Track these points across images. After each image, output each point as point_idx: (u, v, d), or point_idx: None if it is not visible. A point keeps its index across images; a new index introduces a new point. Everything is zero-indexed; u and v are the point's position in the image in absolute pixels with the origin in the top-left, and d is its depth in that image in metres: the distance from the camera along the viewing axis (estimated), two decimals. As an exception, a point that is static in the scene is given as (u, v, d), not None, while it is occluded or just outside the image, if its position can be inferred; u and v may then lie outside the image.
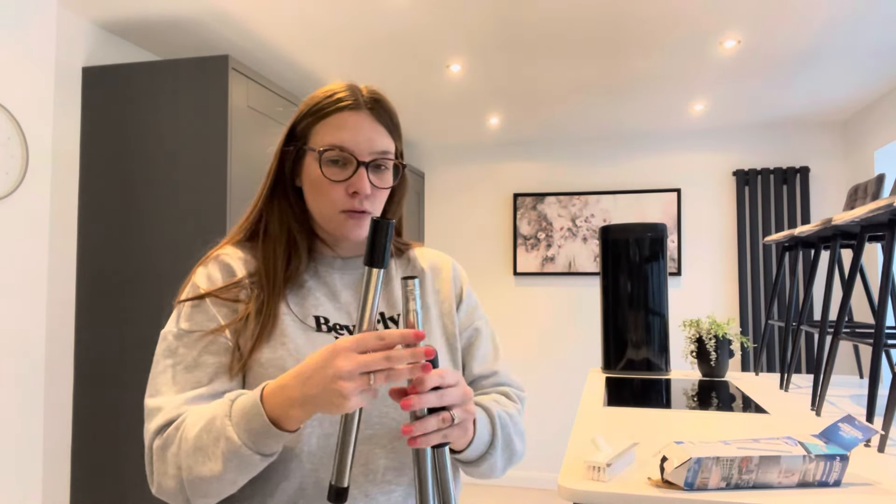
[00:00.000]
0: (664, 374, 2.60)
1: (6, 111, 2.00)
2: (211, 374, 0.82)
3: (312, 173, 0.88)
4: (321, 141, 0.87)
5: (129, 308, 2.32)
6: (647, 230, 2.68)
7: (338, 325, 0.89)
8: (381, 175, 0.89)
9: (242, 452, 0.72)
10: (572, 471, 1.29)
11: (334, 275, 0.94)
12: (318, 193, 0.88)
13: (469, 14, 2.41)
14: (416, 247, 1.07)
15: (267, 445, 0.72)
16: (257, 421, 0.71)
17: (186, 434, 0.75)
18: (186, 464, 0.74)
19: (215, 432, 0.73)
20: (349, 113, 0.87)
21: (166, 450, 0.77)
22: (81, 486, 2.35)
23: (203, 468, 0.73)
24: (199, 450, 0.73)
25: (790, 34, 2.58)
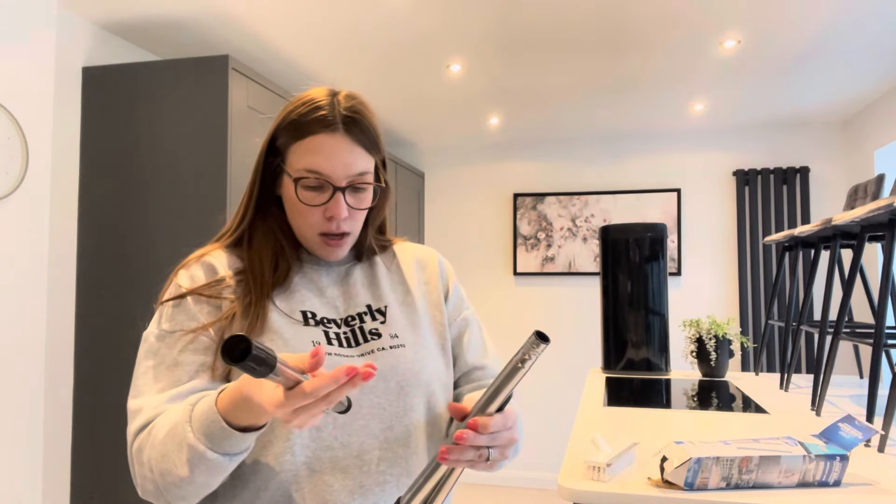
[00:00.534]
0: (664, 374, 2.60)
1: (6, 111, 2.00)
2: (191, 373, 0.81)
3: (289, 195, 0.88)
4: (297, 165, 0.86)
5: (129, 308, 2.32)
6: (647, 230, 2.68)
7: (325, 318, 0.89)
8: (358, 196, 0.89)
9: (208, 456, 0.71)
10: (572, 471, 1.29)
11: (320, 272, 0.94)
12: (295, 215, 0.89)
13: (469, 14, 2.41)
14: (397, 241, 1.06)
15: (231, 447, 0.71)
16: (216, 426, 0.70)
17: (154, 439, 0.75)
18: (158, 469, 0.74)
19: (177, 438, 0.72)
20: (325, 136, 0.84)
21: (142, 453, 0.76)
22: (81, 486, 2.36)
23: (172, 474, 0.73)
24: (165, 456, 0.73)
25: (790, 34, 2.58)
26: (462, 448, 0.72)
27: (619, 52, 2.79)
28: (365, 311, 0.92)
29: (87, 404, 2.36)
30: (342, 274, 0.96)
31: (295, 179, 0.86)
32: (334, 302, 0.92)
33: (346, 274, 0.96)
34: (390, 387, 0.86)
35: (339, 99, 0.87)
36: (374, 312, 0.93)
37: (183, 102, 2.32)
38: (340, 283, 0.95)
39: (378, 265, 0.99)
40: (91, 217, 2.39)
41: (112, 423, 2.33)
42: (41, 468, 2.12)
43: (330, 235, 0.89)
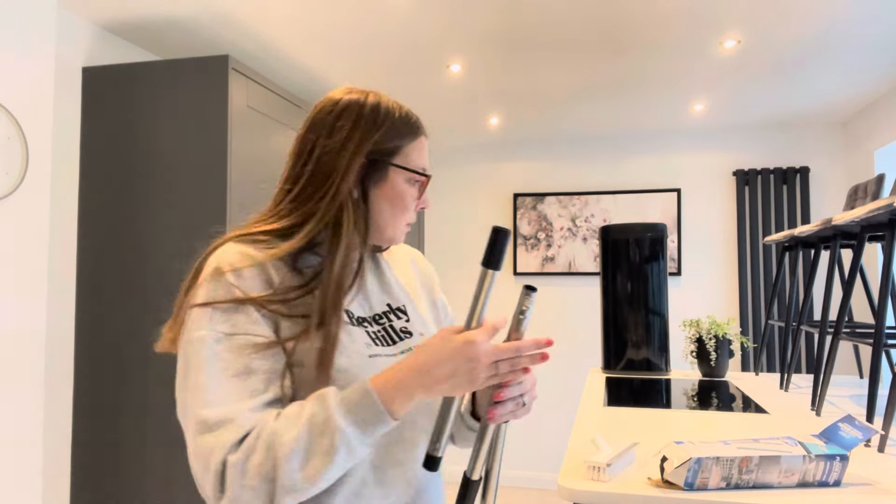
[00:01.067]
0: (664, 374, 2.60)
1: (6, 111, 2.00)
2: (265, 381, 0.79)
3: (396, 188, 0.92)
4: (414, 163, 0.93)
5: (129, 308, 2.32)
6: (647, 230, 2.68)
7: (360, 317, 0.91)
8: None
9: (353, 444, 0.74)
10: (572, 471, 1.29)
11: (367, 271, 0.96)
12: (399, 209, 0.93)
13: (469, 14, 2.41)
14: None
15: (375, 434, 0.76)
16: (370, 412, 0.75)
17: (280, 439, 0.73)
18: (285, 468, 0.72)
19: (319, 428, 0.73)
20: (423, 139, 0.96)
21: (248, 461, 0.73)
22: (81, 486, 2.36)
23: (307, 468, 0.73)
24: (302, 451, 0.73)
25: (790, 34, 2.58)
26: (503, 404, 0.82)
27: (619, 52, 2.79)
28: (388, 310, 0.95)
29: (87, 404, 2.36)
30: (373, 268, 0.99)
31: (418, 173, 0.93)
32: (359, 301, 0.93)
33: (375, 269, 1.00)
34: None
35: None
36: (396, 311, 0.97)
37: (183, 102, 2.32)
38: (377, 279, 0.98)
39: (382, 264, 1.01)
40: (91, 217, 2.39)
41: (112, 422, 2.33)
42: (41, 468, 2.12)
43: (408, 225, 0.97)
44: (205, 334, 0.78)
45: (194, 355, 0.78)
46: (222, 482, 0.73)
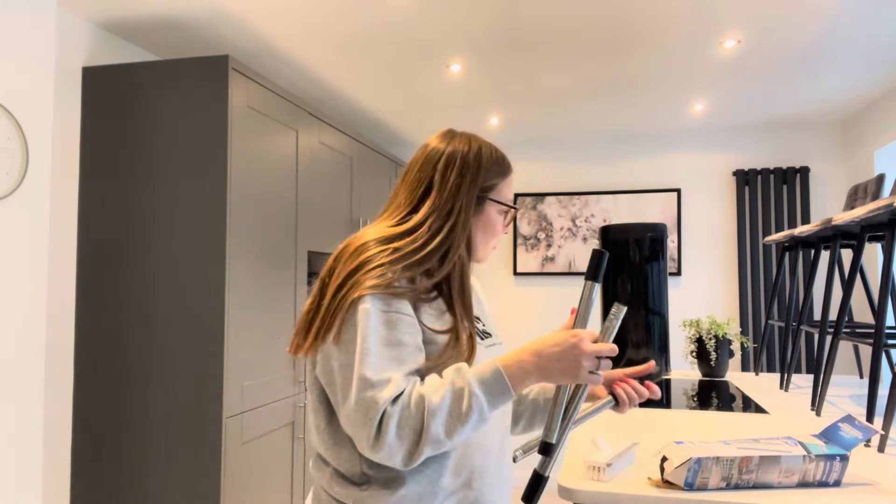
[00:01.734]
0: (664, 374, 2.60)
1: (6, 111, 2.00)
2: (413, 351, 0.98)
3: (491, 220, 1.13)
4: (507, 197, 1.14)
5: (129, 308, 2.32)
6: (647, 230, 2.68)
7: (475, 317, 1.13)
8: None
9: (485, 409, 0.92)
10: (572, 471, 1.29)
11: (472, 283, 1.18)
12: (490, 235, 1.14)
13: (469, 14, 2.41)
14: None
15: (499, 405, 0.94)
16: (498, 386, 0.93)
17: (430, 401, 0.91)
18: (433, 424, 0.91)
19: (458, 394, 0.92)
20: (512, 175, 1.16)
21: (402, 413, 0.91)
22: (81, 486, 2.36)
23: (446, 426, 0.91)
24: (443, 411, 0.91)
25: (790, 34, 2.58)
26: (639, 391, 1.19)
27: (619, 53, 2.79)
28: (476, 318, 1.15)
29: (87, 404, 2.36)
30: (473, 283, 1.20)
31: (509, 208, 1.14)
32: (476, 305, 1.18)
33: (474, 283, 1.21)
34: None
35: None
36: (476, 318, 1.15)
37: (183, 102, 2.32)
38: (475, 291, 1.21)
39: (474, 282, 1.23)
40: (91, 217, 2.39)
41: (112, 423, 2.33)
42: (41, 468, 2.12)
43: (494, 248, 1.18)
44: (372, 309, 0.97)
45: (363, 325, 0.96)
46: (380, 428, 0.91)
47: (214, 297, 2.24)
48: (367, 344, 0.94)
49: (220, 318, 2.24)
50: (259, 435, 2.45)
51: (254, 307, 2.43)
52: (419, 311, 1.02)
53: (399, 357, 0.96)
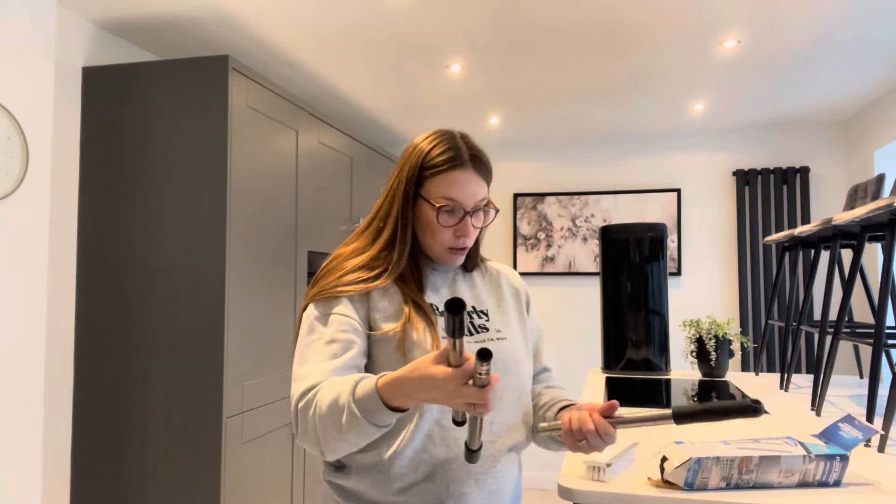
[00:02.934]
0: (664, 374, 2.60)
1: (6, 111, 2.00)
2: (344, 348, 1.02)
3: (427, 218, 1.10)
4: (436, 194, 1.09)
5: (129, 308, 2.32)
6: (647, 230, 2.68)
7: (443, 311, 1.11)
8: (478, 217, 1.14)
9: (362, 424, 0.90)
10: (572, 471, 1.29)
11: (435, 273, 1.17)
12: (430, 233, 1.11)
13: (469, 14, 2.41)
14: (489, 260, 1.30)
15: (382, 420, 0.91)
16: (373, 403, 0.90)
17: (321, 403, 0.94)
18: (321, 426, 0.94)
19: (340, 407, 0.92)
20: (459, 172, 1.09)
21: (307, 410, 0.97)
22: (81, 486, 2.36)
23: (332, 432, 0.93)
24: (329, 417, 0.93)
25: (790, 34, 2.58)
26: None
27: (619, 52, 2.79)
28: (471, 310, 1.15)
29: (87, 404, 2.36)
30: (451, 280, 1.18)
31: (437, 207, 1.08)
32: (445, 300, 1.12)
33: (453, 280, 1.18)
34: (497, 368, 1.09)
35: (461, 140, 1.12)
36: (478, 312, 1.16)
37: (183, 102, 2.32)
38: (450, 286, 1.17)
39: (476, 277, 1.22)
40: (91, 217, 2.39)
41: (112, 422, 2.33)
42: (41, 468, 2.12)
43: (456, 249, 1.12)
44: (307, 313, 1.08)
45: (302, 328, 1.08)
46: (295, 420, 0.99)
47: (214, 297, 2.24)
48: (299, 344, 1.06)
49: (220, 318, 2.24)
50: (259, 435, 2.45)
51: (254, 307, 2.43)
52: (371, 309, 1.07)
53: (325, 353, 1.01)
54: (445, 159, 1.09)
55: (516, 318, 1.20)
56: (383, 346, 1.05)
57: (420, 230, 1.12)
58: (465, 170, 1.09)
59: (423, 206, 1.10)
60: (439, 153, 1.09)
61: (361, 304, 1.08)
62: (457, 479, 1.03)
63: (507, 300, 1.22)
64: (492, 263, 1.29)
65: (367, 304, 1.08)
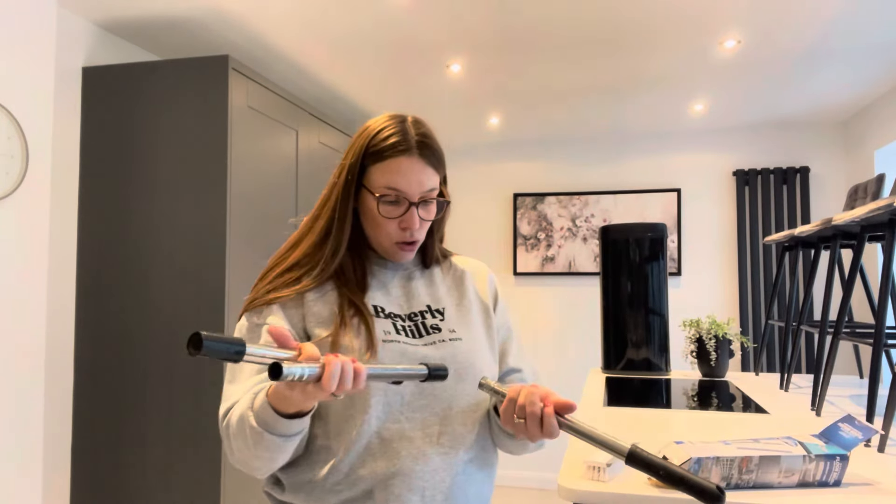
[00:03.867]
0: (664, 374, 2.60)
1: (6, 111, 2.00)
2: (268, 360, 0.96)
3: (369, 208, 1.02)
4: (378, 183, 1.00)
5: (129, 308, 2.32)
6: (647, 230, 2.68)
7: (392, 312, 1.03)
8: (428, 209, 1.04)
9: (264, 437, 0.85)
10: (572, 471, 1.29)
11: (387, 273, 1.09)
12: (373, 226, 1.03)
13: (469, 14, 2.41)
14: (455, 255, 1.21)
15: (281, 429, 0.85)
16: (268, 414, 0.84)
17: (231, 421, 0.90)
18: (236, 446, 0.90)
19: (244, 423, 0.87)
20: (403, 158, 0.99)
21: (227, 430, 0.92)
22: (81, 486, 2.36)
23: (243, 450, 0.88)
24: (239, 435, 0.88)
25: (790, 34, 2.58)
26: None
27: (619, 53, 2.79)
28: (426, 310, 1.06)
29: (87, 404, 2.36)
30: (405, 277, 1.10)
31: (378, 197, 0.99)
32: (399, 300, 1.06)
33: (408, 277, 1.10)
34: (450, 373, 0.99)
35: (409, 125, 1.02)
36: (434, 311, 1.07)
37: (183, 102, 2.32)
38: (403, 285, 1.08)
39: (436, 274, 1.13)
40: (91, 217, 2.39)
41: (112, 422, 2.33)
42: (41, 468, 2.12)
43: (403, 243, 1.03)
44: (239, 324, 1.01)
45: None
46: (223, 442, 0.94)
47: (214, 297, 2.24)
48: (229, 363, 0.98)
49: (220, 318, 2.24)
50: (259, 435, 2.45)
51: (254, 307, 2.42)
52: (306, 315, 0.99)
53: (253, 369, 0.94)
54: (388, 146, 0.99)
55: (480, 317, 1.11)
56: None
57: (365, 222, 1.04)
58: (410, 157, 0.99)
59: (366, 196, 1.02)
60: (383, 139, 1.00)
61: (296, 310, 0.99)
62: (398, 497, 0.93)
63: (470, 298, 1.12)
64: (457, 259, 1.19)
65: (302, 310, 0.99)
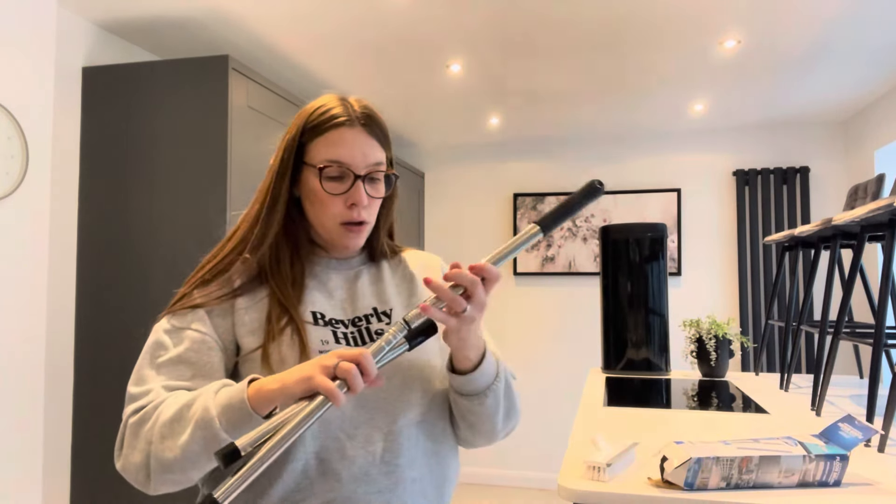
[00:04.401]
0: (664, 374, 2.60)
1: (6, 111, 2.00)
2: (194, 371, 0.87)
3: (312, 187, 0.94)
4: (319, 157, 0.93)
5: (129, 308, 2.32)
6: (647, 230, 2.68)
7: (333, 319, 0.95)
8: (375, 186, 0.96)
9: (212, 425, 0.76)
10: (572, 471, 1.29)
11: (330, 273, 1.00)
12: (318, 206, 0.94)
13: (469, 14, 2.41)
14: (406, 250, 1.12)
15: (236, 424, 0.76)
16: (236, 397, 0.77)
17: (165, 410, 0.80)
18: (158, 436, 0.79)
19: (195, 407, 0.78)
20: (345, 129, 0.92)
21: (141, 426, 0.82)
22: (81, 486, 2.35)
23: (172, 440, 0.78)
24: (175, 421, 0.78)
25: (790, 34, 2.58)
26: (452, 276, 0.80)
27: (619, 53, 2.79)
28: (371, 313, 0.98)
29: (87, 404, 2.36)
30: (350, 277, 1.01)
31: (319, 169, 0.92)
32: (342, 304, 0.98)
33: (354, 277, 1.01)
34: (394, 383, 0.92)
35: (352, 102, 0.96)
36: (380, 314, 0.98)
37: (183, 102, 2.32)
38: (348, 287, 1.00)
39: (384, 270, 1.05)
40: (91, 217, 2.39)
41: (112, 422, 2.33)
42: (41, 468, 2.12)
43: (351, 224, 0.94)
44: (159, 326, 0.94)
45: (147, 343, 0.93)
46: (122, 442, 0.84)
47: (214, 297, 2.24)
48: (143, 359, 0.90)
49: (220, 318, 2.24)
50: (259, 435, 2.45)
51: (254, 307, 2.42)
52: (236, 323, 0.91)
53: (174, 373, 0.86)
54: (328, 117, 0.93)
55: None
56: (250, 366, 0.88)
57: (309, 208, 0.95)
58: (352, 127, 0.93)
59: (308, 174, 0.94)
60: (321, 113, 0.94)
61: (223, 319, 0.91)
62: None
63: (420, 295, 1.04)
64: (409, 254, 1.11)
65: (232, 318, 0.91)
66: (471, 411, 0.94)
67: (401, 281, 1.05)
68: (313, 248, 1.00)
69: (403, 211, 4.09)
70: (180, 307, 0.92)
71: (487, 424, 0.96)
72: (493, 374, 0.94)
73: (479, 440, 1.00)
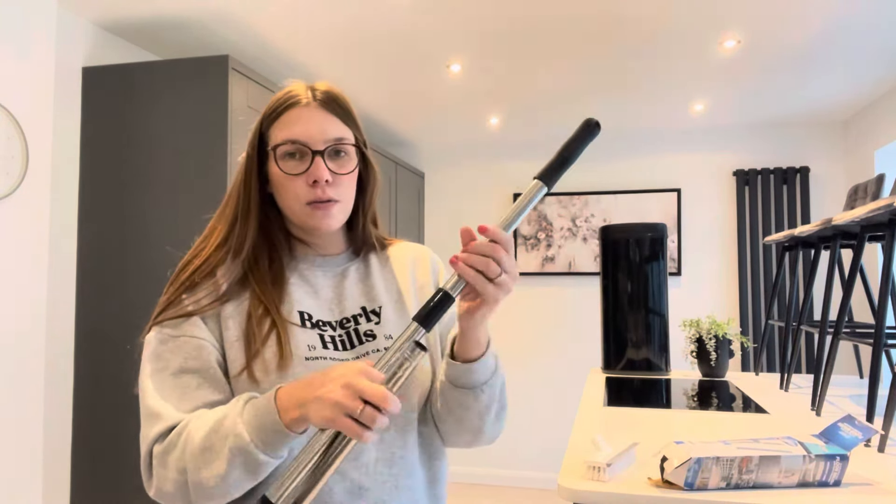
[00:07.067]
0: (664, 374, 2.60)
1: (6, 111, 2.00)
2: (199, 381, 0.85)
3: (275, 174, 0.91)
4: (276, 140, 0.90)
5: (129, 308, 2.32)
6: (647, 230, 2.68)
7: (321, 321, 0.91)
8: (340, 161, 0.91)
9: (249, 450, 0.74)
10: (572, 471, 1.29)
11: (316, 272, 0.96)
12: (282, 191, 0.91)
13: (469, 14, 2.41)
14: (395, 242, 1.08)
15: (273, 444, 0.75)
16: (268, 418, 0.74)
17: (192, 437, 0.78)
18: (193, 465, 0.76)
19: (224, 431, 0.75)
20: (300, 108, 0.90)
21: (168, 454, 0.79)
22: (81, 486, 2.35)
23: (209, 469, 0.76)
24: (207, 450, 0.76)
25: (790, 34, 2.58)
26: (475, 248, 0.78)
27: (620, 53, 2.79)
28: (360, 313, 0.95)
29: (87, 404, 2.36)
30: (337, 275, 0.97)
31: (273, 149, 0.90)
32: (329, 304, 0.94)
33: (341, 275, 0.97)
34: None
35: (315, 85, 0.93)
36: (369, 314, 0.95)
37: (183, 102, 2.32)
38: (336, 285, 0.96)
39: (373, 265, 1.01)
40: (91, 217, 2.39)
41: (112, 422, 2.33)
42: (41, 468, 2.12)
43: (317, 202, 0.89)
44: (150, 336, 0.89)
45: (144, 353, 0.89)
46: (150, 469, 0.81)
47: (214, 297, 2.24)
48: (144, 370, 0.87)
49: (220, 318, 2.24)
50: (259, 435, 2.45)
51: (254, 307, 2.42)
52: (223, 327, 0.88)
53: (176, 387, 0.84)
54: (283, 101, 0.91)
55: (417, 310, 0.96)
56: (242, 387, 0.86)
57: (278, 196, 0.93)
58: (308, 106, 0.90)
59: (271, 163, 0.91)
60: (277, 98, 0.92)
61: (214, 324, 0.88)
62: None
63: (411, 290, 1.00)
64: (398, 246, 1.06)
65: (220, 325, 0.88)
66: (462, 405, 0.90)
67: (390, 276, 1.01)
68: (296, 244, 0.97)
69: (403, 211, 4.09)
70: (173, 314, 0.88)
71: (477, 421, 0.92)
72: (492, 367, 0.91)
73: (463, 438, 0.95)
